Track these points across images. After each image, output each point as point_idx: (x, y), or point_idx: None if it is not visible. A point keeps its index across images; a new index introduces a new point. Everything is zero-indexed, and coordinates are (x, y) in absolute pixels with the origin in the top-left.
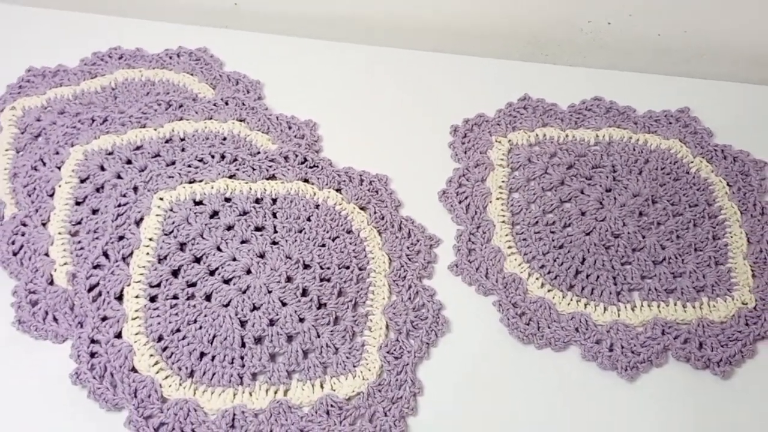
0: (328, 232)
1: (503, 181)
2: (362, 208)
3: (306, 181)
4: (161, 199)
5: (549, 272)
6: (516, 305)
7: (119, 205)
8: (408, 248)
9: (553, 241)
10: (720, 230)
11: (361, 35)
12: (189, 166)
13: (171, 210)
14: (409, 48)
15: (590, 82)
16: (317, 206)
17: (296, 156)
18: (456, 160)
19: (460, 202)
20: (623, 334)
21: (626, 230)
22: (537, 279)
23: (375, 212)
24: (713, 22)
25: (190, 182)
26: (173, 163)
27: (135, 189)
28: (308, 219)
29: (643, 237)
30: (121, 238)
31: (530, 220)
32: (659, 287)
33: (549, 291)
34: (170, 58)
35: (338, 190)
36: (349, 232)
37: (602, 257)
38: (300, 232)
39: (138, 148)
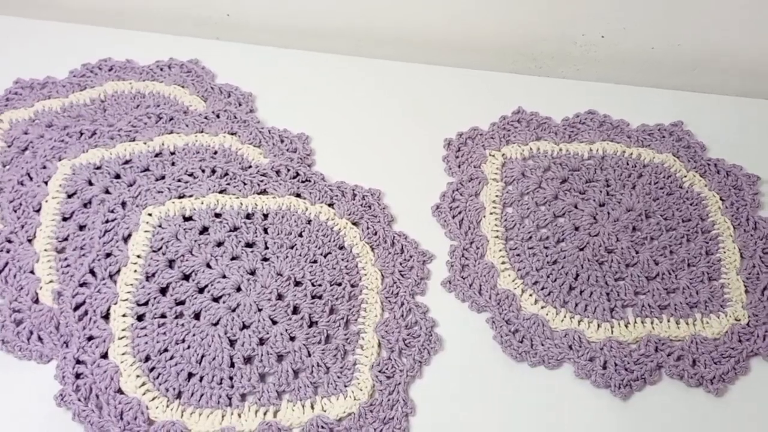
0: (320, 248)
1: (497, 196)
2: (355, 224)
3: (298, 195)
4: (150, 214)
5: (542, 288)
6: (509, 322)
7: (107, 221)
8: (401, 264)
9: (546, 256)
10: (713, 245)
11: (354, 47)
12: (179, 180)
13: (160, 226)
14: (402, 60)
15: (584, 95)
16: (309, 221)
17: (288, 170)
18: (449, 174)
19: (453, 217)
20: (617, 352)
21: (620, 245)
22: (530, 295)
23: (368, 227)
24: (706, 36)
25: (180, 197)
26: (163, 177)
27: (123, 204)
28: (300, 234)
29: (637, 252)
30: (108, 255)
31: (524, 236)
32: (653, 303)
33: (542, 307)
34: (161, 69)
35: (330, 205)
36: (341, 247)
37: (596, 273)
38: (291, 248)
39: (127, 162)
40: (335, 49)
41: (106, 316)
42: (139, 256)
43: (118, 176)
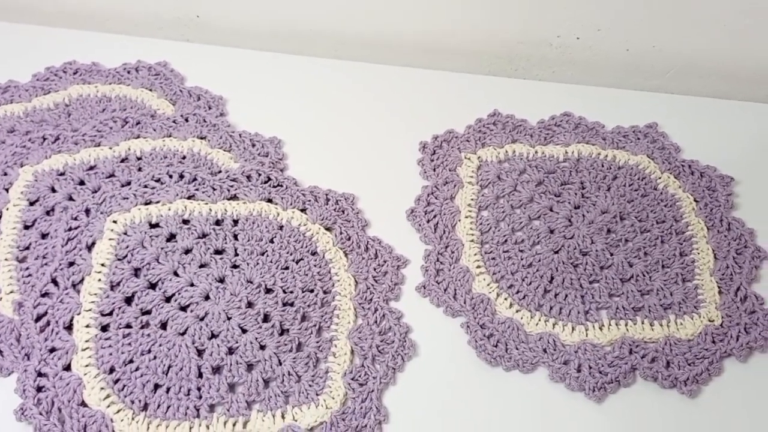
0: (291, 254)
1: (472, 199)
2: (328, 229)
3: (269, 201)
4: (114, 221)
5: (518, 292)
6: (484, 326)
7: (70, 229)
8: (375, 270)
9: (521, 260)
10: (687, 246)
11: (328, 50)
12: (145, 186)
13: (125, 233)
14: (377, 63)
15: (559, 97)
16: (281, 227)
17: (259, 175)
18: (425, 178)
19: (428, 221)
20: (591, 354)
21: (594, 248)
22: (505, 299)
23: (341, 233)
24: (682, 38)
25: (146, 204)
26: (129, 183)
27: (87, 211)
28: (271, 241)
29: (611, 254)
30: (71, 264)
31: (499, 239)
32: (627, 305)
33: (517, 311)
34: (128, 72)
35: (303, 210)
36: (313, 253)
37: (570, 276)
38: (262, 254)
39: (91, 168)
40: (308, 51)
41: (69, 327)
42: (103, 265)
43: (82, 182)
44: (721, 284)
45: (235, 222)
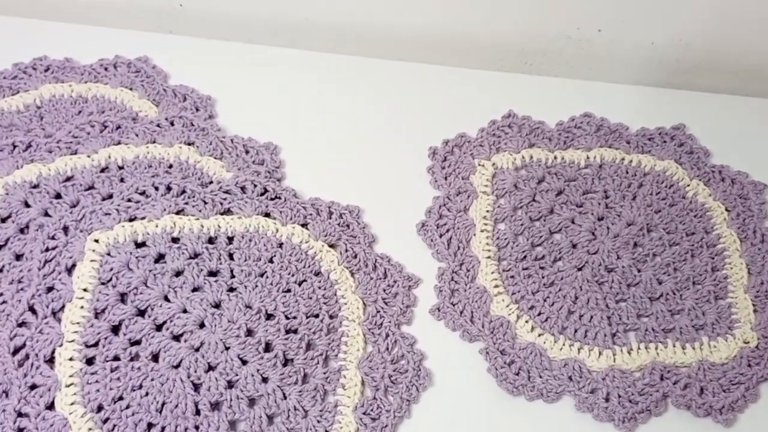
0: (293, 275)
1: (488, 211)
2: (332, 246)
3: (267, 215)
4: (96, 241)
5: (539, 314)
6: (504, 353)
7: (47, 249)
8: (384, 291)
9: (542, 278)
10: (719, 261)
11: (327, 43)
12: (129, 200)
13: (108, 254)
14: (380, 58)
15: (578, 95)
16: (280, 245)
17: (255, 186)
18: (435, 187)
19: (441, 236)
20: (620, 382)
21: (620, 264)
22: (526, 322)
23: (346, 250)
24: (711, 31)
25: (131, 220)
26: (110, 196)
27: (65, 229)
28: (270, 260)
29: (639, 271)
30: (50, 289)
31: (518, 255)
32: (656, 327)
33: (540, 335)
34: (105, 69)
35: (304, 225)
36: (317, 274)
37: (596, 295)
38: (261, 276)
39: (68, 179)
40: (305, 44)
41: (50, 361)
42: (85, 290)
43: (58, 196)
44: (756, 302)
45: (230, 239)
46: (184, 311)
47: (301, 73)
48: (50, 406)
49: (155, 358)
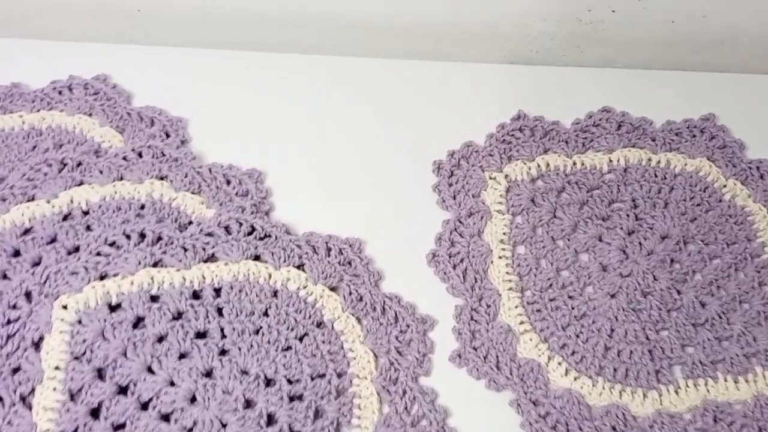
0: (292, 329)
1: (504, 233)
2: (333, 289)
3: (257, 258)
4: (65, 307)
5: (573, 353)
6: (537, 403)
7: (8, 322)
8: (397, 338)
9: (572, 309)
10: (766, 274)
11: (309, 44)
12: (98, 254)
13: (79, 322)
14: (369, 56)
15: (593, 86)
16: (275, 293)
17: (241, 225)
18: (443, 207)
19: (455, 267)
20: (670, 428)
21: (658, 286)
22: (559, 364)
23: (350, 293)
24: (736, 5)
25: (102, 277)
26: (76, 249)
27: (28, 295)
28: (265, 313)
29: (679, 293)
30: (15, 370)
31: (542, 284)
32: (704, 358)
33: (575, 379)
34: (59, 93)
35: (300, 267)
36: (319, 325)
37: (634, 325)
38: (256, 333)
39: (27, 231)
40: (285, 46)
41: None
42: (57, 368)
43: (17, 253)
44: None
45: (217, 292)
46: (172, 384)
47: (282, 78)
48: None
49: None
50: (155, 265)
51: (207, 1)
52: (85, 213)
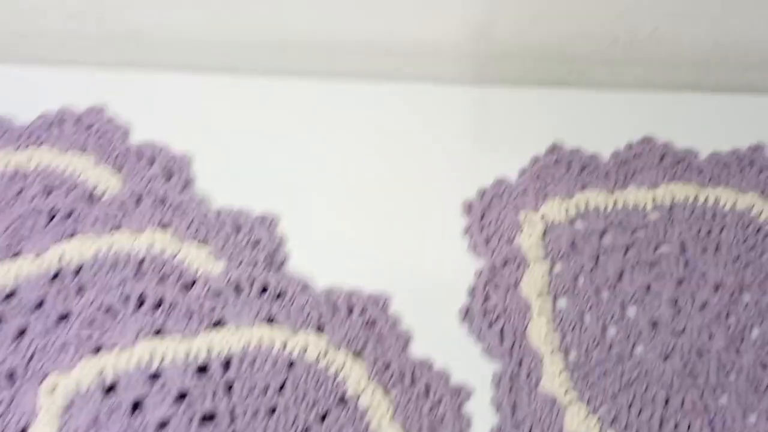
0: (312, 407)
1: (544, 284)
2: (357, 353)
3: (270, 320)
4: (53, 390)
5: (625, 427)
6: None
7: None
8: (429, 413)
9: (622, 374)
10: None
11: (332, 67)
12: (91, 322)
13: (69, 407)
14: (385, 78)
15: (630, 110)
16: (291, 364)
17: (252, 282)
18: (475, 253)
19: (490, 326)
20: None
21: (714, 345)
22: None
23: (375, 360)
24: None
25: (96, 350)
26: (66, 317)
27: (11, 376)
28: (280, 389)
29: (737, 352)
30: None
31: (588, 343)
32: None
33: None
34: (49, 128)
35: (320, 329)
36: (342, 400)
37: (691, 393)
38: (272, 412)
39: (10, 295)
40: (293, 67)
41: None
42: None
43: None
44: None
45: (226, 365)
46: None
47: (298, 107)
48: None
49: None
50: (156, 333)
51: (215, 18)
52: (77, 272)
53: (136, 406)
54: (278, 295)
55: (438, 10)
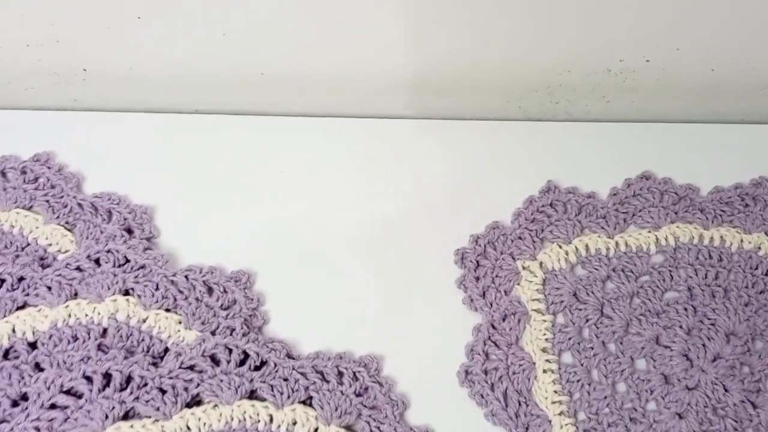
0: None
1: (547, 339)
2: (348, 428)
3: (253, 394)
4: None
5: None
6: None
7: None
8: None
9: None
10: None
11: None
12: (51, 407)
13: None
14: (365, 116)
15: (624, 143)
16: None
17: (230, 352)
18: (471, 308)
19: (492, 387)
20: None
21: (730, 400)
22: None
23: None
24: None
25: None
26: (24, 398)
27: None
28: None
29: (754, 407)
30: None
31: (597, 402)
32: None
33: None
34: None
35: (307, 403)
36: None
37: None
38: None
39: None
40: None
41: None
42: None
43: None
44: None
45: None
46: None
47: (271, 146)
48: None
49: None
50: (125, 417)
51: (173, 53)
52: (32, 347)
53: None
54: (260, 365)
55: (425, 44)
